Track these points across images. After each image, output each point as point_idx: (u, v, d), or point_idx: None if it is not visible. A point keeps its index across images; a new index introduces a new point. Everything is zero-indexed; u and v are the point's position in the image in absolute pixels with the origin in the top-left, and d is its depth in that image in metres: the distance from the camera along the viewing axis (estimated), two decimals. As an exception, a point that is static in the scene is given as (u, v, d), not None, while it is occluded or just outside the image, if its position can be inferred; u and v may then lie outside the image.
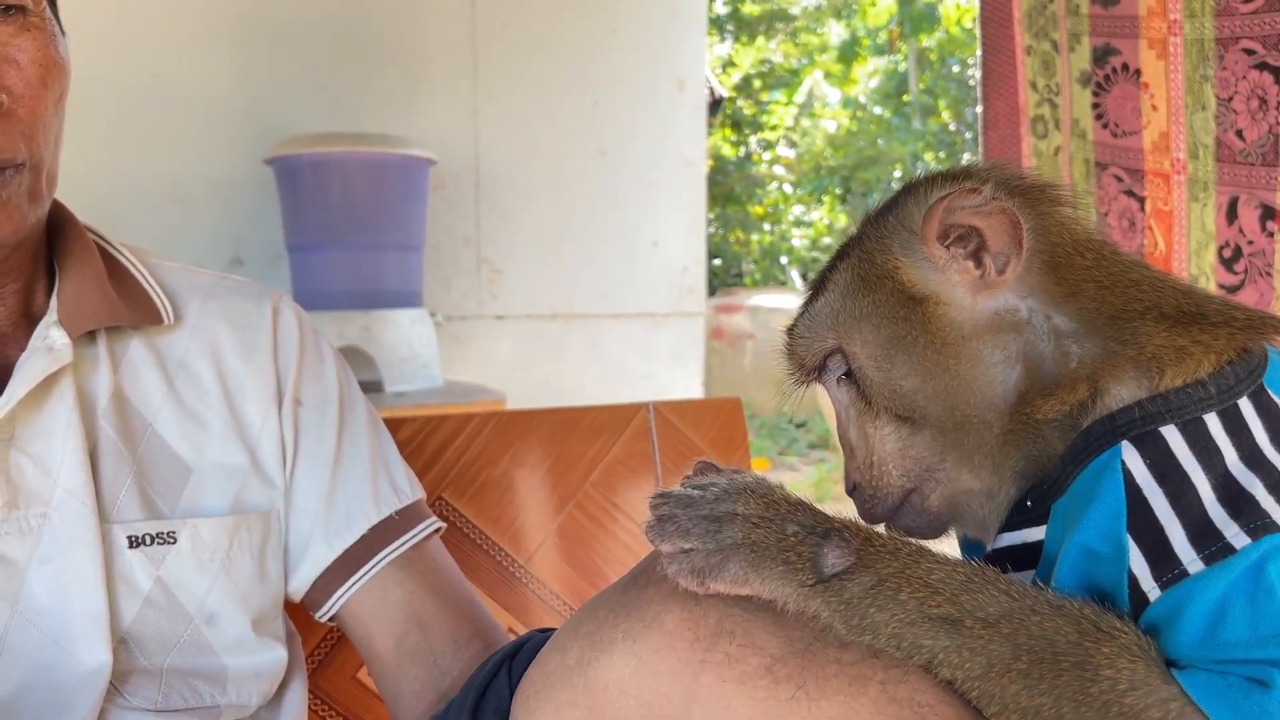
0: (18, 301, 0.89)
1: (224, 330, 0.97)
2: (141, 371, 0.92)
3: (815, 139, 11.04)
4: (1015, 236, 0.66)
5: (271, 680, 0.94)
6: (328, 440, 0.99)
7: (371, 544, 0.99)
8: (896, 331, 0.69)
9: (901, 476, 0.71)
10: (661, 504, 0.64)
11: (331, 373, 1.03)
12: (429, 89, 3.40)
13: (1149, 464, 0.62)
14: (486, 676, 0.75)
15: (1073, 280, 0.68)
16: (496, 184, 3.51)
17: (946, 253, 0.68)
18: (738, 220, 10.57)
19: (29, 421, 0.84)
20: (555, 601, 1.26)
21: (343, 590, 0.98)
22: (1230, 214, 1.34)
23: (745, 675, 0.63)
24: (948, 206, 0.67)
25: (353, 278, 2.89)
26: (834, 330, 0.72)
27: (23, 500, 0.83)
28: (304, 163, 2.90)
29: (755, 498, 0.64)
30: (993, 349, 0.67)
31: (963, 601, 0.60)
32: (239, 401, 0.95)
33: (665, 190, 3.73)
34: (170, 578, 0.87)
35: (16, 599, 0.82)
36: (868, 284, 0.71)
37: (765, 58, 11.22)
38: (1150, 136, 1.47)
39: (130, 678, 0.86)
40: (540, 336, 3.60)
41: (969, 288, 0.68)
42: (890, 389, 0.69)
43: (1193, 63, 1.36)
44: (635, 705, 0.64)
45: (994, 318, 0.68)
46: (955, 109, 10.26)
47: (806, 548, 0.62)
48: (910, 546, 0.63)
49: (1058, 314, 0.67)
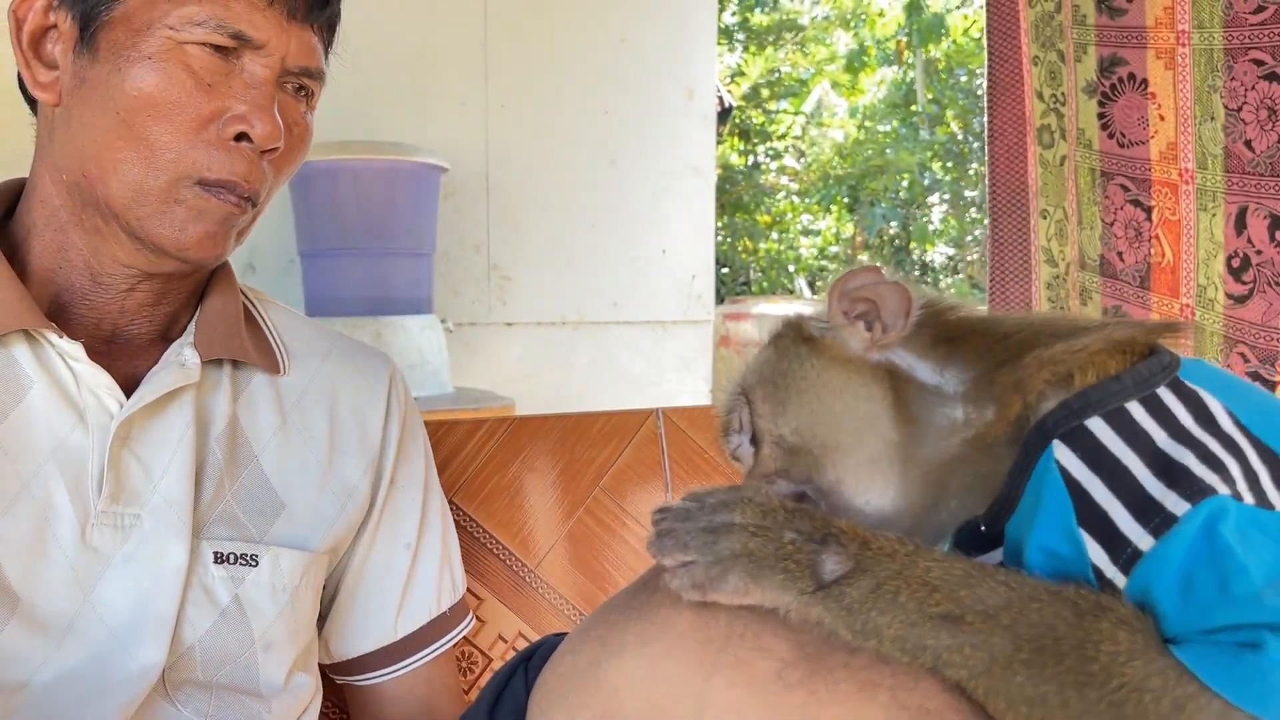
0: (161, 322, 0.97)
1: (343, 386, 1.05)
2: (259, 405, 0.99)
3: (823, 148, 11.05)
4: (904, 308, 0.75)
5: (303, 703, 0.99)
6: (410, 524, 1.07)
7: (426, 635, 1.07)
8: (791, 371, 0.76)
9: (787, 484, 0.74)
10: (661, 519, 0.65)
11: (423, 456, 1.11)
12: (441, 98, 3.42)
13: (1081, 455, 0.64)
14: (503, 679, 0.76)
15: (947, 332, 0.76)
16: (507, 192, 3.52)
17: (846, 320, 0.77)
18: (745, 229, 10.58)
19: (147, 427, 0.90)
20: (564, 606, 1.27)
21: (383, 673, 1.06)
22: (1239, 224, 1.35)
23: (756, 679, 0.63)
24: (845, 285, 0.77)
25: (364, 284, 2.90)
26: (746, 393, 0.78)
27: (124, 498, 0.88)
28: (316, 170, 2.92)
29: (752, 506, 0.65)
30: (874, 385, 0.74)
31: (962, 597, 0.61)
32: (340, 456, 1.02)
33: (674, 199, 3.74)
34: (247, 597, 0.93)
35: (92, 589, 0.86)
36: (778, 350, 0.78)
37: (774, 67, 11.25)
38: (1158, 146, 1.47)
39: (184, 687, 0.90)
40: (550, 343, 3.61)
41: (861, 345, 0.76)
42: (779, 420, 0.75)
43: (1201, 73, 1.37)
44: (647, 707, 0.65)
45: (875, 365, 0.75)
46: (963, 119, 10.27)
47: (804, 555, 0.62)
48: (907, 546, 0.63)
49: (926, 361, 0.74)
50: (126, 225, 0.89)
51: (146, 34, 0.87)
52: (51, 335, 0.87)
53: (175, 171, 0.87)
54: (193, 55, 0.87)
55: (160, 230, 0.88)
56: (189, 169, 0.87)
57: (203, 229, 0.89)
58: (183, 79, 0.87)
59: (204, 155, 0.88)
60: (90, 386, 0.88)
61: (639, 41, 3.65)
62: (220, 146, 0.88)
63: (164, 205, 0.88)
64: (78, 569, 0.85)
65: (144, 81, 0.86)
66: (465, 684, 1.24)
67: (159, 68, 0.86)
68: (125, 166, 0.87)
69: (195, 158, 0.87)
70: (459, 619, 1.10)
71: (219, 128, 0.88)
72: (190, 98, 0.87)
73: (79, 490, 0.86)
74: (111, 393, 0.88)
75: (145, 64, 0.86)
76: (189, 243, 0.89)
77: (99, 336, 0.93)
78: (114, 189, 0.87)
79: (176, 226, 0.88)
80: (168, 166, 0.87)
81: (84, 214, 0.90)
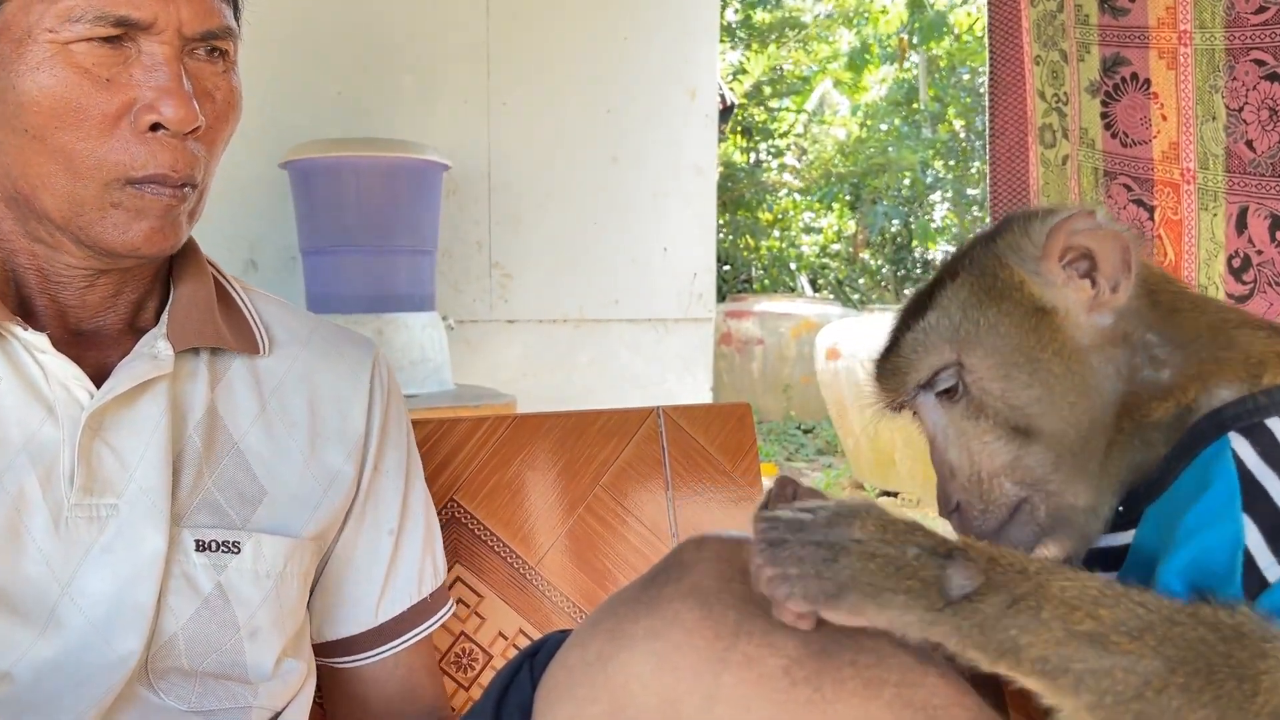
0: (128, 312, 0.95)
1: (325, 372, 1.04)
2: (238, 392, 0.98)
3: (825, 146, 11.04)
4: (1125, 260, 0.71)
5: (293, 688, 0.98)
6: (393, 510, 1.06)
7: (407, 621, 1.07)
8: (1024, 341, 0.71)
9: (1015, 487, 0.70)
10: (770, 528, 0.62)
11: (405, 442, 1.10)
12: (443, 95, 3.42)
13: (1259, 452, 0.62)
14: (508, 675, 0.76)
15: (1168, 302, 0.72)
16: (509, 189, 3.52)
17: (1063, 272, 0.71)
18: (747, 226, 10.58)
19: (120, 417, 0.89)
20: (565, 604, 1.27)
21: (363, 657, 1.06)
22: (1240, 224, 1.35)
23: (764, 676, 0.63)
24: (1070, 228, 0.70)
25: (365, 281, 2.90)
26: (953, 343, 0.72)
27: (97, 488, 0.87)
28: (318, 167, 2.92)
29: (870, 521, 0.61)
30: (1105, 362, 0.70)
31: (1103, 617, 0.57)
32: (322, 441, 1.01)
33: (676, 197, 3.74)
34: (229, 584, 0.92)
35: (70, 581, 0.85)
36: (993, 296, 0.72)
37: (776, 65, 11.24)
38: (1160, 146, 1.47)
39: (168, 675, 0.89)
40: (551, 341, 3.61)
41: (1083, 305, 0.71)
42: (1010, 400, 0.70)
43: (1203, 73, 1.37)
44: (656, 702, 0.65)
45: (1105, 333, 0.71)
46: (965, 117, 10.26)
47: (930, 571, 0.59)
48: (1037, 563, 0.60)
49: (1154, 332, 0.71)
50: (72, 235, 0.87)
51: (29, 42, 0.82)
52: (15, 328, 0.86)
53: (100, 176, 0.84)
54: (81, 54, 0.83)
55: (105, 235, 0.86)
56: (114, 171, 0.85)
57: (146, 226, 0.87)
58: (77, 81, 0.83)
59: (124, 154, 0.84)
60: (59, 379, 0.87)
61: (641, 40, 3.65)
62: (138, 141, 0.84)
63: (101, 211, 0.86)
64: (53, 561, 0.85)
65: (39, 93, 0.82)
66: (465, 681, 1.24)
67: (49, 75, 0.82)
68: (52, 180, 0.85)
69: (116, 159, 0.84)
70: (439, 604, 1.10)
71: (131, 122, 0.84)
72: (91, 99, 0.83)
73: (51, 483, 0.86)
74: (81, 383, 0.87)
75: (34, 75, 0.82)
76: (137, 241, 0.87)
77: (66, 329, 0.92)
78: (49, 203, 0.86)
79: (120, 229, 0.86)
80: (91, 173, 0.84)
81: (28, 225, 0.89)
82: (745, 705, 0.63)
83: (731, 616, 0.65)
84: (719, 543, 0.71)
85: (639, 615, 0.68)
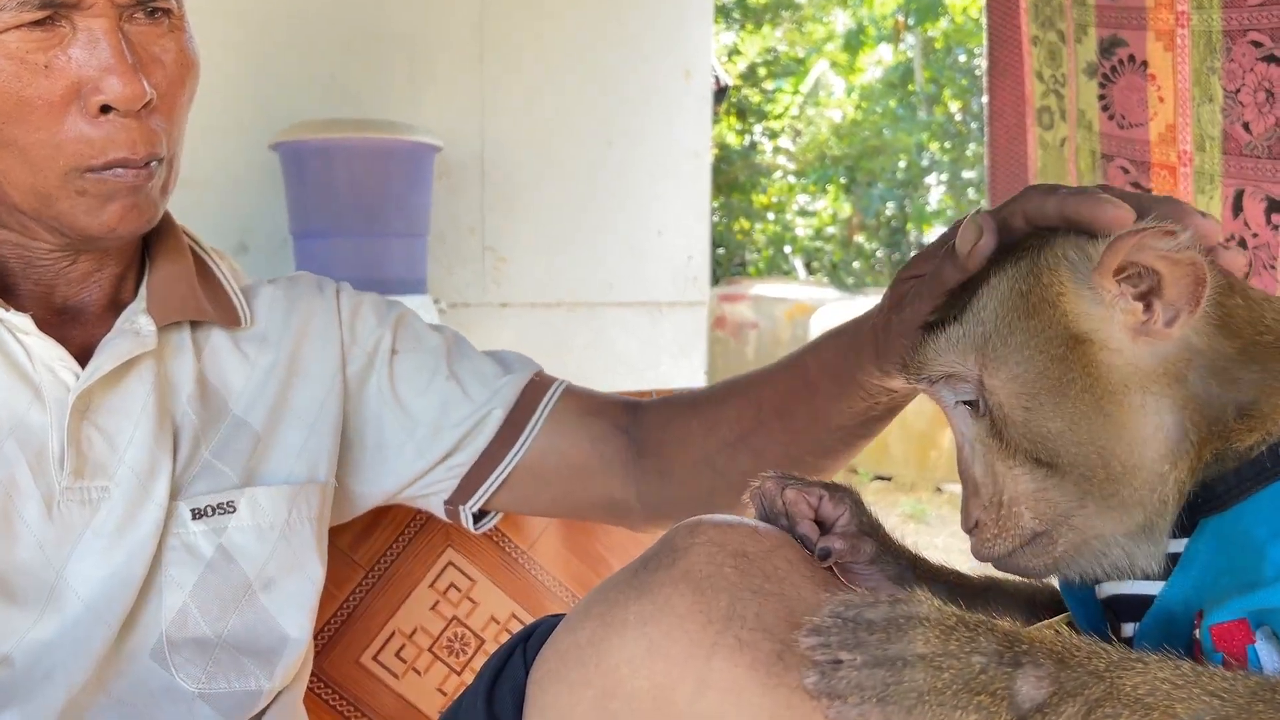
0: (110, 287, 0.94)
1: (299, 317, 1.02)
2: (224, 359, 0.97)
3: (820, 128, 11.02)
4: (1195, 293, 0.62)
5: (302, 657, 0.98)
6: (438, 359, 1.05)
7: (532, 396, 1.05)
8: (1049, 369, 0.63)
9: (1033, 519, 0.65)
10: (821, 646, 0.58)
11: (410, 318, 1.08)
12: (435, 76, 3.40)
13: None
14: (501, 658, 0.76)
15: (1240, 332, 0.64)
16: (502, 172, 3.51)
17: (1117, 288, 0.63)
18: (741, 209, 10.56)
19: (106, 398, 0.88)
20: (558, 588, 1.27)
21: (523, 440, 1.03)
22: (1236, 207, 1.34)
23: (757, 661, 0.63)
24: (1139, 243, 0.61)
25: (357, 264, 2.89)
26: (978, 356, 0.66)
27: (88, 471, 0.87)
28: (310, 149, 2.90)
29: (932, 629, 0.57)
30: (1157, 399, 0.63)
31: (1179, 714, 0.54)
32: (304, 382, 1.00)
33: (670, 179, 3.73)
34: (231, 544, 0.92)
35: (65, 564, 0.86)
36: (1027, 307, 0.64)
37: (771, 46, 11.20)
38: (1157, 128, 1.46)
39: (183, 649, 0.90)
40: (544, 324, 3.61)
41: (1129, 330, 0.63)
42: (1032, 431, 0.64)
43: (1200, 55, 1.36)
44: (648, 686, 0.64)
45: (1156, 366, 0.63)
46: (961, 99, 10.24)
47: (999, 684, 0.55)
48: (1105, 656, 0.56)
49: (1227, 363, 0.63)
50: (45, 224, 0.86)
51: None
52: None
53: (58, 166, 0.82)
54: (12, 42, 0.78)
55: (78, 222, 0.85)
56: (72, 160, 0.82)
57: (118, 207, 0.85)
58: (15, 72, 0.79)
59: (79, 143, 0.81)
60: (44, 360, 0.86)
61: (635, 20, 3.63)
62: (92, 125, 0.81)
63: (68, 200, 0.83)
64: (46, 546, 0.85)
65: None
66: (458, 665, 1.24)
67: None
68: (12, 175, 0.83)
69: (72, 148, 0.81)
70: (550, 379, 1.08)
71: (81, 105, 0.81)
72: (32, 88, 0.79)
73: (41, 468, 0.85)
74: (65, 365, 0.86)
75: None
76: (112, 223, 0.85)
77: (50, 309, 0.91)
78: (15, 197, 0.84)
79: (91, 214, 0.84)
80: (48, 164, 0.82)
81: (3, 217, 0.87)
82: (736, 690, 0.63)
83: (724, 602, 0.65)
84: (712, 528, 0.70)
85: (631, 600, 0.67)
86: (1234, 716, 0.53)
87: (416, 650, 1.22)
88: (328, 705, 1.19)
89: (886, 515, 5.01)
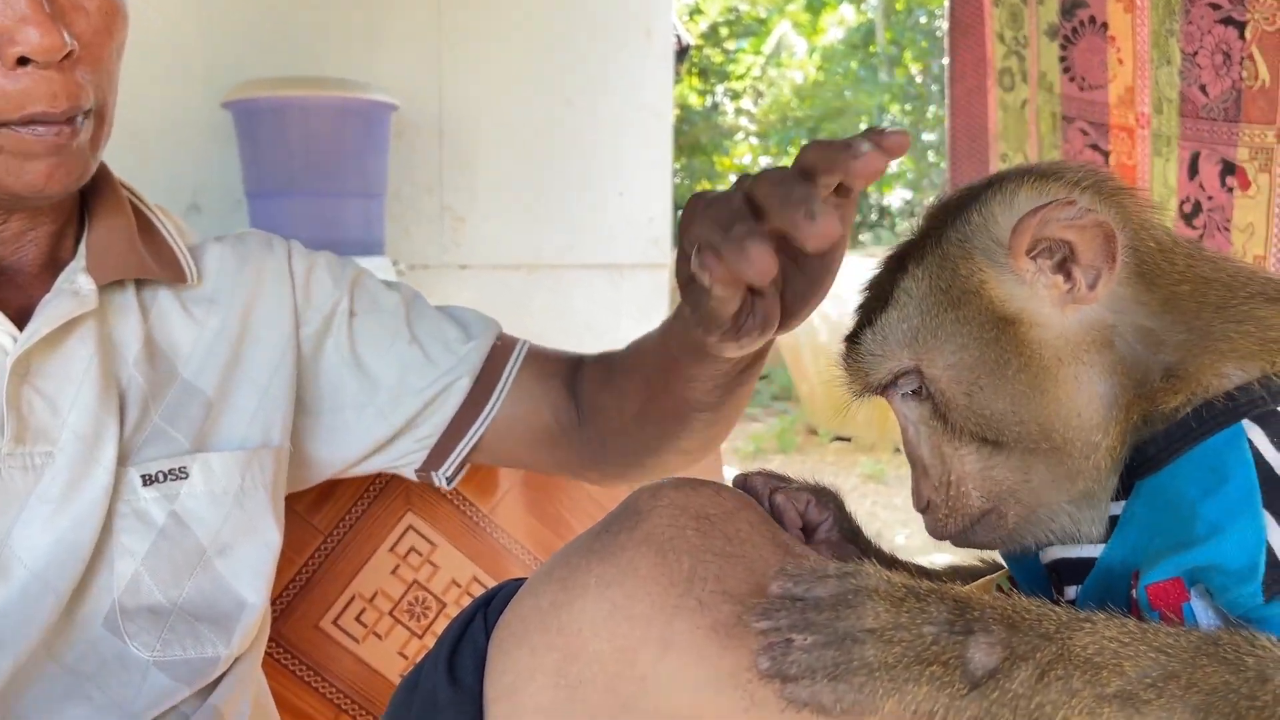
0: (47, 245, 0.91)
1: (248, 275, 1.00)
2: (172, 319, 0.94)
3: (783, 89, 10.97)
4: (1108, 250, 0.63)
5: (260, 623, 0.96)
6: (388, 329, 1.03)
7: (496, 362, 1.04)
8: (985, 354, 0.65)
9: (981, 498, 0.67)
10: (770, 625, 0.58)
11: (366, 279, 1.07)
12: (392, 33, 3.33)
13: (1277, 444, 0.59)
14: (463, 623, 0.76)
15: (1165, 286, 0.65)
16: (460, 131, 3.46)
17: (1034, 265, 0.64)
18: (703, 171, 10.52)
19: (46, 361, 0.86)
20: (520, 551, 1.26)
21: (489, 409, 1.03)
22: (1192, 169, 1.36)
23: (718, 623, 0.63)
24: (1042, 220, 0.63)
25: (313, 225, 2.85)
26: (911, 349, 0.67)
27: (30, 437, 0.84)
28: (263, 107, 2.84)
29: (881, 602, 0.57)
30: (1088, 368, 0.64)
31: (1127, 671, 0.55)
32: (256, 347, 0.98)
33: (631, 140, 3.69)
34: (184, 510, 0.90)
35: (8, 532, 0.84)
36: (950, 299, 0.66)
37: (733, 5, 11.10)
38: (1116, 90, 1.47)
39: (137, 618, 0.88)
40: (504, 286, 3.58)
41: (1056, 303, 0.65)
42: (976, 413, 0.65)
43: (1159, 16, 1.36)
44: (610, 649, 0.65)
45: (1085, 334, 0.65)
46: (922, 60, 10.23)
47: (950, 652, 0.56)
48: (1054, 618, 0.57)
49: (1151, 319, 0.65)
50: None
51: None
52: None
53: None
54: None
55: (3, 181, 0.81)
56: None
57: (42, 166, 0.81)
58: None
59: None
60: None
61: (596, -23, 3.58)
62: (8, 79, 0.77)
63: None
64: None
65: None
66: (419, 629, 1.24)
67: None
68: None
69: None
70: (513, 341, 1.07)
71: None
72: None
73: None
74: (2, 328, 0.84)
75: None
76: (38, 183, 0.81)
77: None
78: None
79: (14, 174, 0.80)
80: None
81: None
82: (698, 651, 0.63)
83: (685, 564, 0.65)
84: (674, 490, 0.70)
85: (592, 564, 0.67)
86: (1180, 671, 0.54)
87: (377, 614, 1.21)
88: (287, 670, 1.18)
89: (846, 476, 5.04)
